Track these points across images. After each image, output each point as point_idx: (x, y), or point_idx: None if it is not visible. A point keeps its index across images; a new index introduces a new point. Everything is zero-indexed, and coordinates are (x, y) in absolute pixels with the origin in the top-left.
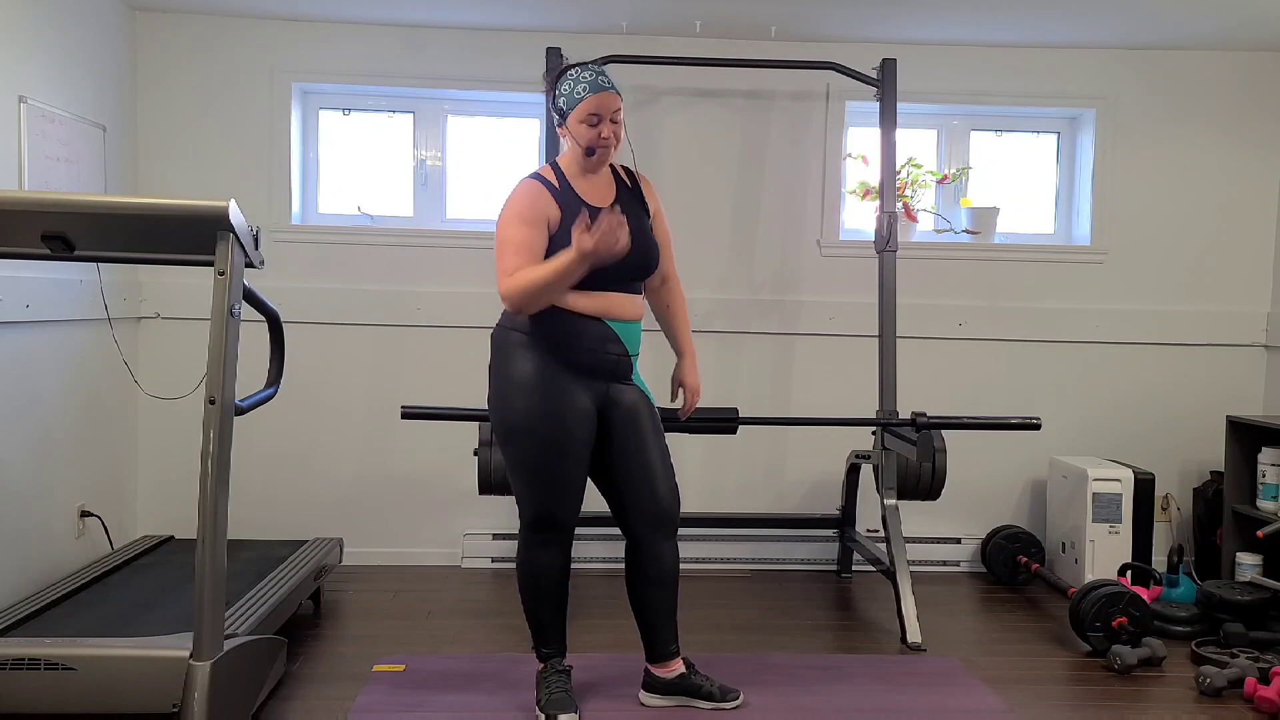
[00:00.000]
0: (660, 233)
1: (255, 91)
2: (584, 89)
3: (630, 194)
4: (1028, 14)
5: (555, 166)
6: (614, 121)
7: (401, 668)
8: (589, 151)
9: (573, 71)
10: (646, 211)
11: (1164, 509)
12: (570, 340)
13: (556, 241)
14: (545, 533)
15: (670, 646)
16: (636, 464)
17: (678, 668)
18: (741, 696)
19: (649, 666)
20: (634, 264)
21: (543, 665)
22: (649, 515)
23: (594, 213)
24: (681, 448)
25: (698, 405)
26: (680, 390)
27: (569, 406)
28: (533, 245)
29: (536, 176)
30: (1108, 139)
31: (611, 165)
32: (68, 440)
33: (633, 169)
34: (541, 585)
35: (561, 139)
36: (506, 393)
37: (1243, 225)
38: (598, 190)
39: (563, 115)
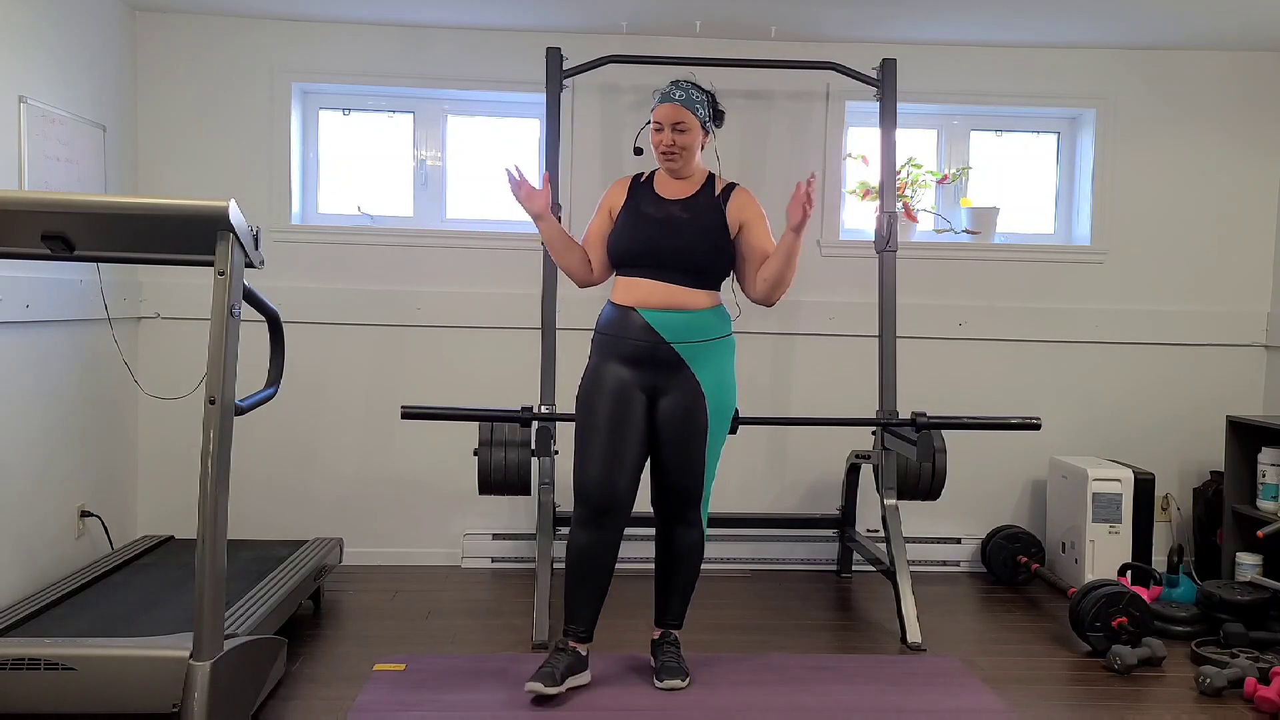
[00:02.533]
0: (755, 238)
1: (255, 91)
2: (657, 99)
3: (710, 199)
4: (1028, 14)
5: (656, 171)
6: (679, 131)
7: (401, 667)
8: (637, 151)
9: (662, 86)
10: (721, 217)
11: (1164, 509)
12: (609, 329)
13: (619, 219)
14: (585, 510)
15: (664, 618)
16: (661, 454)
17: (656, 633)
18: (681, 684)
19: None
20: (676, 257)
21: (558, 640)
22: (656, 495)
23: (656, 201)
24: None
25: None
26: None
27: (613, 394)
28: (595, 228)
29: (636, 174)
30: (1108, 139)
31: (713, 176)
32: (68, 440)
33: (736, 183)
34: (575, 562)
35: None
36: (581, 384)
37: (1243, 225)
38: (677, 188)
39: (638, 142)
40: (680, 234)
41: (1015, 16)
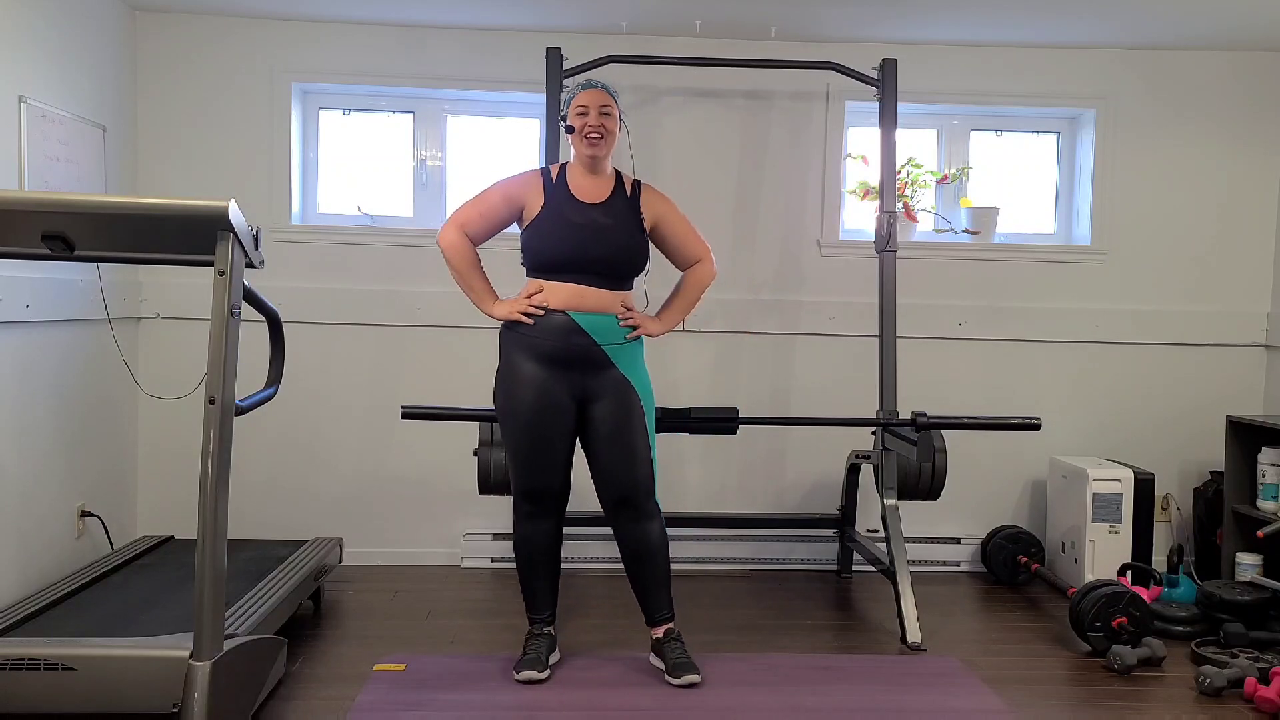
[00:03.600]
0: (672, 231)
1: (255, 91)
2: (577, 88)
3: (625, 201)
4: (1028, 14)
5: (564, 166)
6: (603, 114)
7: (401, 667)
8: (568, 129)
9: (570, 81)
10: (637, 217)
11: (1164, 509)
12: (527, 329)
13: (534, 223)
14: (528, 504)
15: (655, 615)
16: (601, 450)
17: (658, 633)
18: (697, 678)
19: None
20: (603, 263)
21: (529, 629)
22: (608, 498)
23: (577, 206)
24: (682, 448)
25: (699, 406)
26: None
27: (540, 394)
28: (496, 213)
29: (542, 168)
30: (1108, 139)
31: (620, 174)
32: (68, 440)
33: (641, 180)
34: (528, 553)
35: (572, 146)
36: (498, 381)
37: (1243, 225)
38: (592, 189)
39: (565, 119)
40: (606, 240)
41: (1015, 16)
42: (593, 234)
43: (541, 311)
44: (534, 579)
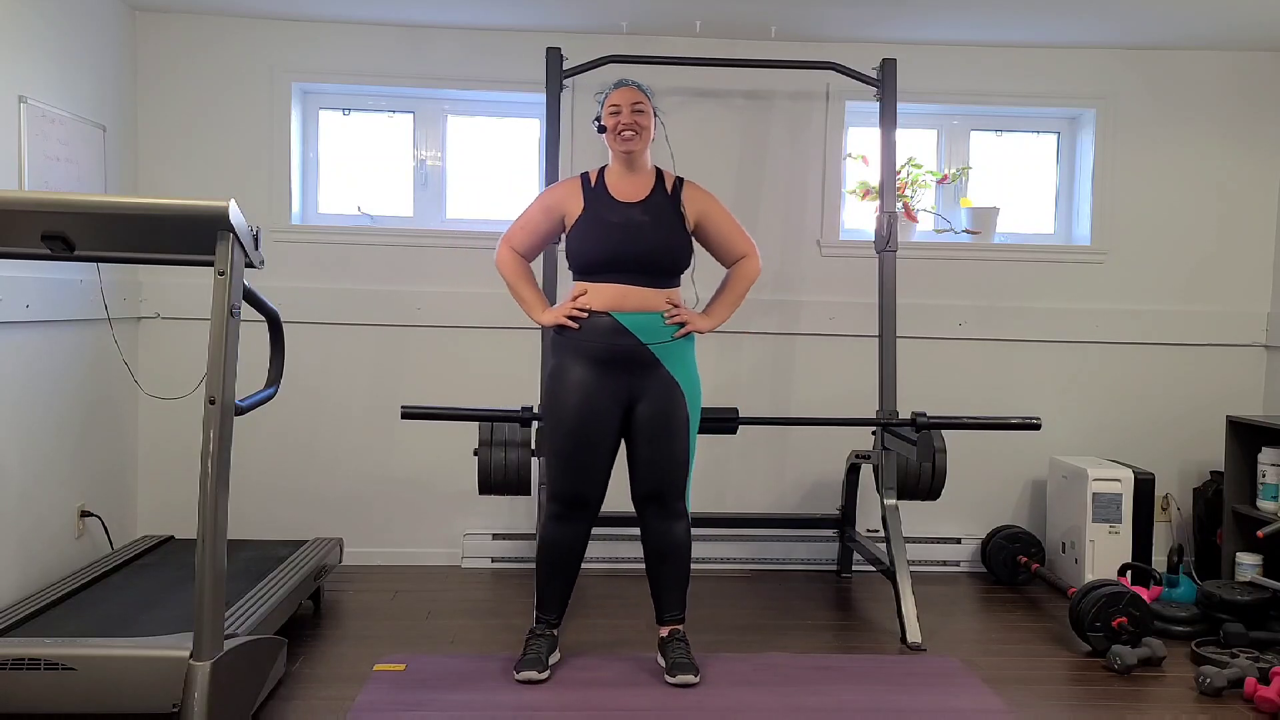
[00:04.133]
0: (717, 228)
1: (255, 91)
2: (610, 90)
3: (664, 198)
4: (1028, 14)
5: (602, 168)
6: (636, 111)
7: (401, 667)
8: (601, 129)
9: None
10: (677, 216)
11: (1164, 509)
12: (584, 334)
13: (574, 227)
14: (559, 506)
15: (665, 614)
16: (640, 447)
17: (664, 631)
18: (693, 679)
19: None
20: (643, 261)
21: (533, 627)
22: (638, 492)
23: (614, 206)
24: None
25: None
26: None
27: (585, 398)
28: (538, 227)
29: (583, 173)
30: (1108, 139)
31: (661, 172)
32: (68, 440)
33: (684, 178)
34: (552, 555)
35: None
36: (547, 383)
37: (1242, 225)
38: (630, 188)
39: (600, 120)
40: (645, 238)
41: (1015, 16)
42: (630, 232)
43: (585, 314)
44: (552, 580)
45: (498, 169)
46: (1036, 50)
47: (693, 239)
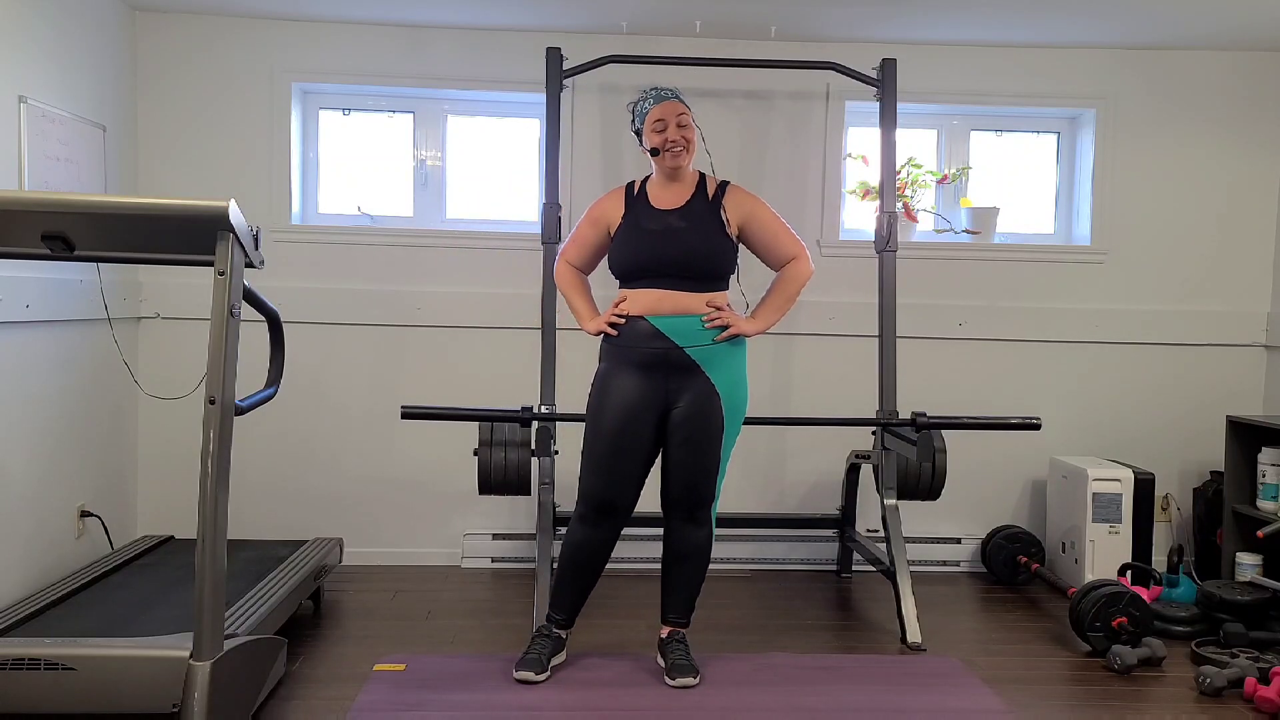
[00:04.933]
0: (762, 231)
1: (255, 91)
2: (650, 103)
3: (705, 203)
4: (1028, 14)
5: (647, 178)
6: (681, 126)
7: (401, 667)
8: (654, 151)
9: (642, 92)
10: (718, 220)
11: (1164, 509)
12: (618, 338)
13: (616, 236)
14: (585, 508)
15: (669, 615)
16: (672, 451)
17: (665, 632)
18: (692, 681)
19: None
20: (680, 265)
21: (541, 626)
22: (665, 495)
23: (652, 214)
24: None
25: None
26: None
27: (625, 405)
28: (587, 240)
29: (628, 183)
30: (1108, 139)
31: (704, 177)
32: (68, 440)
33: (729, 181)
34: (575, 558)
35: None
36: (592, 387)
37: (1243, 225)
38: (670, 196)
39: (639, 133)
40: (680, 242)
41: (1015, 16)
42: (667, 238)
43: (624, 320)
44: (572, 581)
45: (498, 169)
46: (1036, 50)
47: (738, 243)
